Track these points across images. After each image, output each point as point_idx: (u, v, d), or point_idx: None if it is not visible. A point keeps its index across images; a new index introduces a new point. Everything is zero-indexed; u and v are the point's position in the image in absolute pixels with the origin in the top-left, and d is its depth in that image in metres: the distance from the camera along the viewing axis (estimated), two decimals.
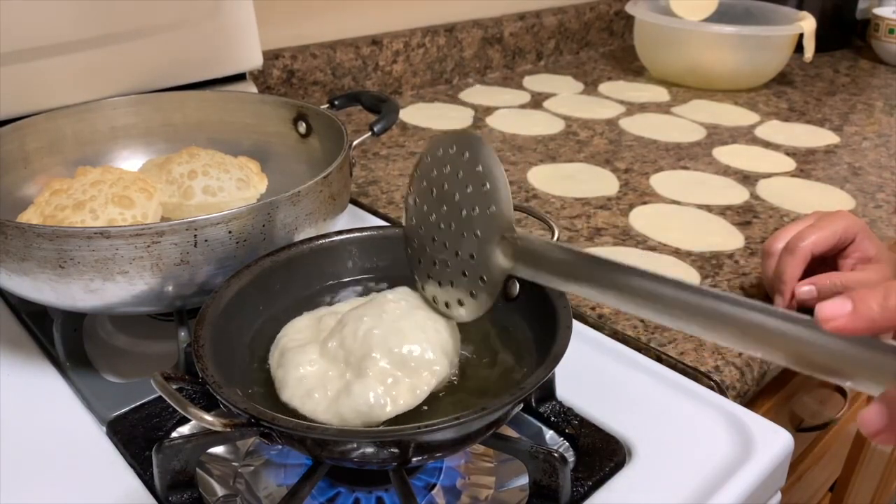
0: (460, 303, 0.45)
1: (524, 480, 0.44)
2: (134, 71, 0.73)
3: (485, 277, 0.43)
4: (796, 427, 0.79)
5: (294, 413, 0.41)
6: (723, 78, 1.21)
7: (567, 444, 0.48)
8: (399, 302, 0.45)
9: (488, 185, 0.42)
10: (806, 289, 0.57)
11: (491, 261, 0.42)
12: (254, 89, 0.84)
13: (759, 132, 1.04)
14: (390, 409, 0.40)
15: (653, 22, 1.22)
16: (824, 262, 0.59)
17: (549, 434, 0.49)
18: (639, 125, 1.05)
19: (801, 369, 0.31)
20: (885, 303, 0.30)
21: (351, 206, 0.72)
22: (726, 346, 0.35)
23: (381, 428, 0.40)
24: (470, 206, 0.43)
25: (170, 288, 0.48)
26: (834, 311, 0.30)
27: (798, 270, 0.58)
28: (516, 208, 0.56)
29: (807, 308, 0.60)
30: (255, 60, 0.82)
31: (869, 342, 0.30)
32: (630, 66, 1.36)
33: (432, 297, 0.46)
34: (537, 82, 1.25)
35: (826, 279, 0.57)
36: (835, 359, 0.30)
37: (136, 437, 0.47)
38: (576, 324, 0.43)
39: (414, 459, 0.38)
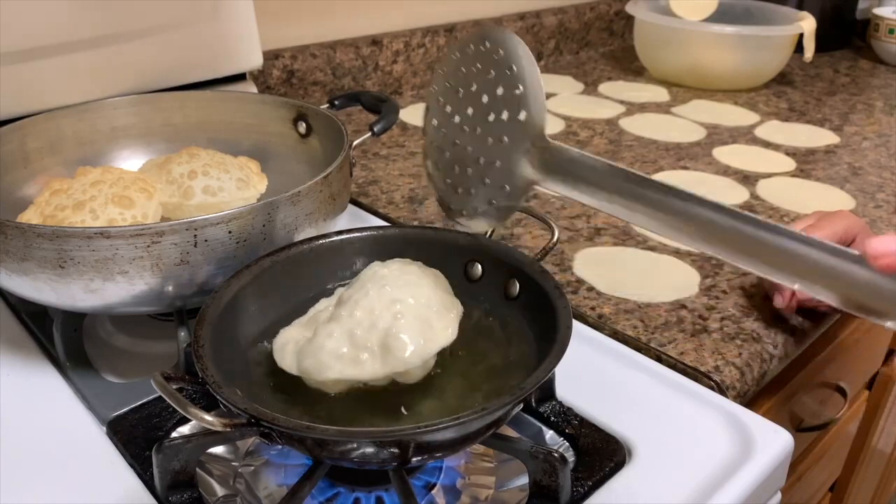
0: (478, 211, 0.42)
1: (524, 480, 0.44)
2: (134, 71, 0.73)
3: (507, 186, 0.40)
4: (796, 427, 0.79)
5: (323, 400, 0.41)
6: (723, 78, 1.21)
7: (567, 444, 0.48)
8: (391, 266, 0.45)
9: (521, 88, 0.39)
10: None
11: (516, 169, 0.40)
12: (254, 89, 0.84)
13: (759, 132, 1.04)
14: (434, 344, 0.41)
15: (653, 22, 1.22)
16: None
17: (549, 434, 0.49)
18: (639, 125, 1.05)
19: (847, 309, 0.30)
20: None
21: (351, 206, 0.73)
22: (761, 274, 0.33)
23: (380, 428, 0.40)
24: (499, 109, 0.40)
25: (170, 288, 0.48)
26: (884, 247, 0.29)
27: None
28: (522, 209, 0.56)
29: (806, 307, 0.61)
30: (255, 60, 0.82)
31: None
32: (630, 66, 1.36)
33: (448, 205, 0.44)
34: None
35: None
36: (882, 299, 0.29)
37: (136, 437, 0.47)
38: (576, 324, 0.43)
39: (414, 459, 0.38)
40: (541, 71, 1.34)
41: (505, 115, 0.39)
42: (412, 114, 1.07)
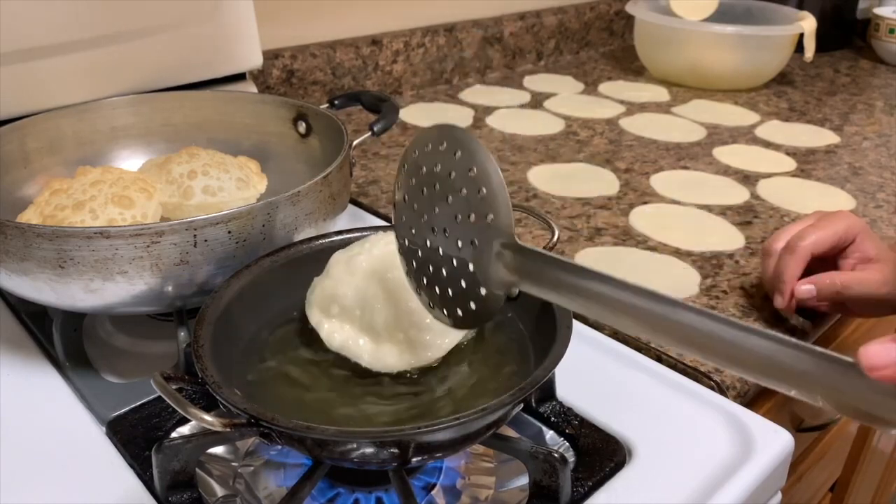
0: (458, 313, 0.40)
1: (524, 480, 0.44)
2: (134, 71, 0.73)
3: (483, 290, 0.38)
4: (796, 427, 0.79)
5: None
6: (723, 78, 1.21)
7: (567, 444, 0.48)
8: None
9: (484, 191, 0.37)
10: (805, 288, 0.57)
11: (490, 272, 0.38)
12: (254, 89, 0.84)
13: (760, 132, 1.04)
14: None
15: (653, 22, 1.22)
16: (824, 261, 0.59)
17: (549, 434, 0.49)
18: (639, 125, 1.05)
19: (846, 416, 0.28)
20: None
21: (351, 206, 0.72)
22: (753, 379, 0.31)
23: (380, 428, 0.40)
24: (465, 211, 0.38)
25: (169, 288, 0.48)
26: (881, 358, 0.26)
27: (798, 270, 0.57)
28: (516, 208, 0.56)
29: (806, 307, 0.60)
30: (255, 60, 0.82)
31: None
32: (630, 66, 1.36)
33: (429, 304, 0.42)
34: (537, 82, 1.25)
35: (826, 279, 0.57)
36: (886, 409, 0.27)
37: (136, 437, 0.47)
38: (576, 324, 0.43)
39: (414, 460, 0.38)
40: (541, 71, 1.34)
41: (472, 217, 0.37)
42: (412, 114, 1.07)
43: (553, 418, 0.49)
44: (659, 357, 0.56)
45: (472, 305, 0.39)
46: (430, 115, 1.08)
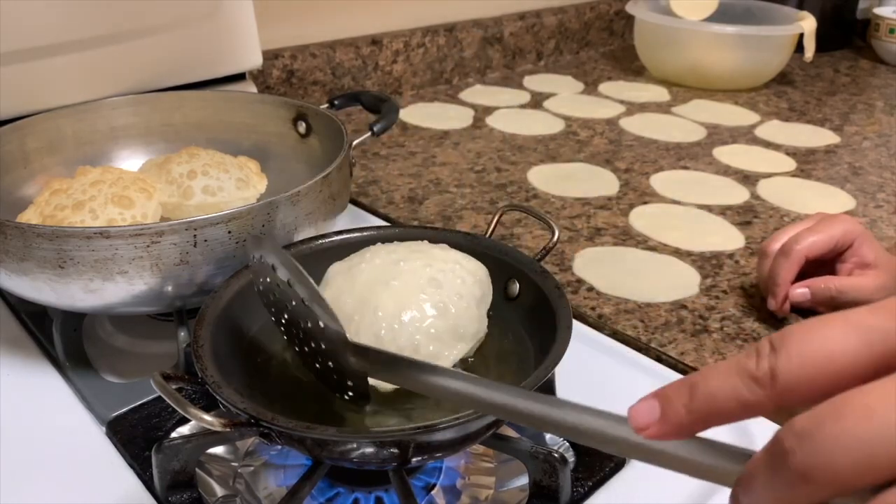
0: (346, 397, 0.41)
1: (524, 480, 0.44)
2: (134, 71, 0.73)
3: (350, 382, 0.39)
4: None
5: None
6: (723, 78, 1.21)
7: (567, 444, 0.48)
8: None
9: (305, 300, 0.38)
10: (800, 291, 0.57)
11: (348, 369, 0.38)
12: (254, 89, 0.84)
13: (760, 132, 1.04)
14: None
15: (653, 22, 1.22)
16: (823, 264, 0.59)
17: (550, 434, 0.49)
18: (639, 125, 1.05)
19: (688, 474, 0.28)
20: (690, 406, 0.26)
21: (351, 206, 0.72)
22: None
23: (380, 428, 0.39)
24: (303, 319, 0.39)
25: (169, 288, 0.48)
26: (643, 417, 0.26)
27: (791, 273, 0.58)
28: (515, 208, 0.56)
29: (801, 310, 0.60)
30: (254, 60, 0.82)
31: (702, 444, 0.27)
32: (630, 66, 1.36)
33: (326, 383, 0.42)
34: (537, 82, 1.25)
35: (821, 283, 0.57)
36: (680, 463, 0.27)
37: (136, 437, 0.47)
38: (576, 324, 0.43)
39: (414, 460, 0.38)
40: (541, 71, 1.34)
41: (309, 324, 0.38)
42: (412, 114, 1.07)
43: None
44: (659, 357, 0.56)
45: (349, 395, 0.40)
46: (429, 115, 1.08)
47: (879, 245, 0.59)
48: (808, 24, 1.18)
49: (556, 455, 0.41)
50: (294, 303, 0.39)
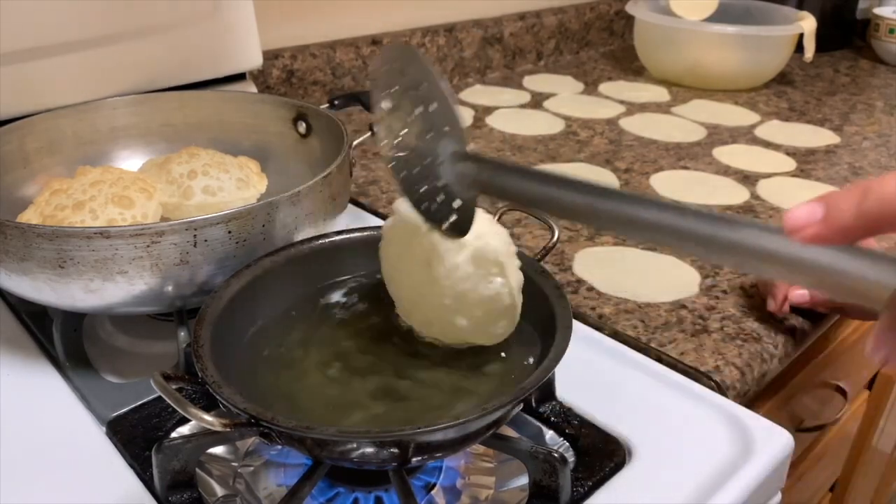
0: (444, 225, 0.41)
1: (524, 480, 0.44)
2: (134, 71, 0.73)
3: (455, 204, 0.40)
4: (796, 427, 0.79)
5: None
6: (723, 78, 1.21)
7: (567, 444, 0.48)
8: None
9: (436, 105, 0.39)
10: (799, 292, 0.58)
11: (456, 184, 0.39)
12: (254, 89, 0.84)
13: (760, 132, 1.04)
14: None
15: (653, 22, 1.22)
16: None
17: (549, 434, 0.49)
18: (639, 125, 1.05)
19: (837, 298, 0.27)
20: (861, 207, 0.24)
21: (351, 206, 0.72)
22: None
23: (380, 428, 0.39)
24: (427, 126, 0.39)
25: (169, 288, 0.48)
26: (802, 217, 0.25)
27: None
28: (515, 208, 0.56)
29: (800, 311, 0.61)
30: (255, 60, 0.82)
31: (853, 252, 0.25)
32: (630, 66, 1.36)
33: (424, 220, 0.43)
34: (537, 82, 1.25)
35: None
36: (818, 273, 0.25)
37: (136, 437, 0.47)
38: (576, 324, 0.43)
39: (414, 459, 0.38)
40: (541, 71, 1.34)
41: (431, 133, 0.39)
42: None
43: (553, 418, 0.49)
44: (659, 357, 0.56)
45: (453, 217, 0.40)
46: None
47: (878, 245, 0.59)
48: (807, 24, 1.18)
49: (556, 455, 0.41)
50: (421, 108, 0.39)
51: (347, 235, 0.52)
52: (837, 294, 0.26)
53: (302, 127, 0.68)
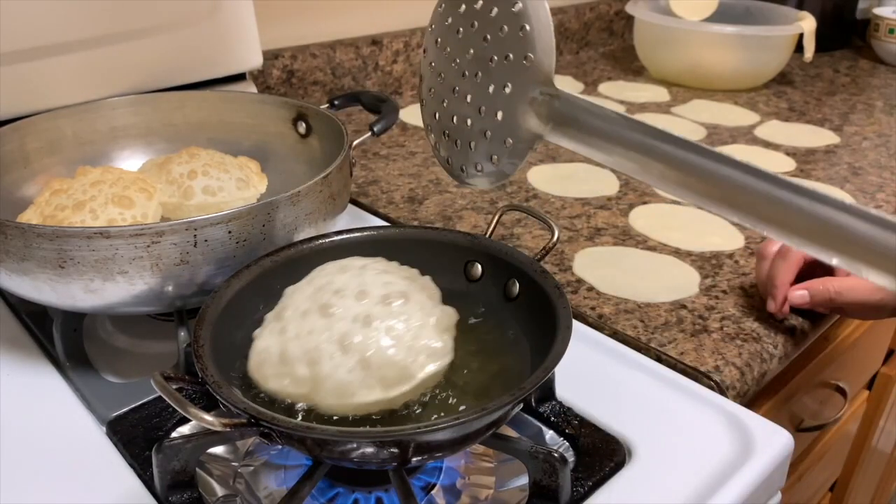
0: (478, 168, 0.39)
1: (524, 480, 0.44)
2: (134, 71, 0.73)
3: (510, 140, 0.37)
4: (796, 427, 0.79)
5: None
6: (723, 78, 1.21)
7: (567, 444, 0.48)
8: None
9: (528, 28, 0.35)
10: (799, 293, 0.57)
11: (520, 121, 0.36)
12: (254, 89, 0.84)
13: (759, 132, 1.04)
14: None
15: (653, 22, 1.22)
16: (822, 265, 0.59)
17: (549, 434, 0.49)
18: None
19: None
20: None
21: (351, 206, 0.73)
22: (796, 247, 0.29)
23: (380, 428, 0.40)
24: (502, 52, 0.36)
25: (170, 288, 0.48)
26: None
27: (790, 275, 0.58)
28: (515, 208, 0.56)
29: (800, 311, 0.61)
30: (255, 60, 0.82)
31: None
32: (630, 66, 1.36)
33: (446, 159, 0.40)
34: None
35: (819, 285, 0.57)
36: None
37: (136, 437, 0.47)
38: (576, 324, 0.43)
39: (414, 459, 0.38)
40: None
41: (509, 59, 0.35)
42: (412, 114, 1.07)
43: (553, 418, 0.49)
44: (659, 357, 0.56)
45: (495, 158, 0.38)
46: None
47: None
48: (807, 24, 1.18)
49: (556, 455, 0.41)
50: (506, 30, 0.35)
51: (347, 235, 0.52)
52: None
53: (302, 127, 0.68)
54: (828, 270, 0.59)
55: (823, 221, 0.28)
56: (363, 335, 0.40)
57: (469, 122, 0.38)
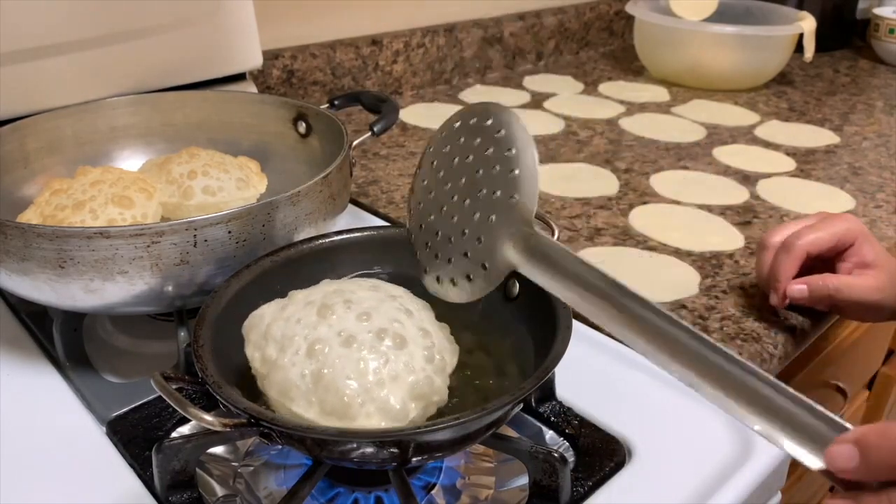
0: (453, 282, 0.42)
1: (524, 480, 0.44)
2: (134, 71, 0.73)
3: (487, 265, 0.40)
4: None
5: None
6: (723, 78, 1.21)
7: (567, 444, 0.48)
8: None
9: (517, 171, 0.38)
10: (798, 288, 0.57)
11: (498, 250, 0.39)
12: (254, 89, 0.84)
13: (759, 132, 1.04)
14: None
15: (653, 22, 1.22)
16: (824, 263, 0.59)
17: (549, 434, 0.49)
18: (639, 125, 1.05)
19: None
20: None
21: (351, 206, 0.72)
22: (731, 414, 0.33)
23: (380, 428, 0.40)
24: (492, 187, 0.39)
25: (169, 288, 0.48)
26: (841, 462, 0.30)
27: (793, 269, 0.58)
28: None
29: (800, 310, 0.61)
30: (255, 60, 0.82)
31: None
32: (630, 66, 1.36)
33: (424, 268, 0.43)
34: (537, 82, 1.25)
35: (819, 280, 0.57)
36: None
37: (136, 437, 0.47)
38: (576, 324, 0.43)
39: (414, 459, 0.38)
40: (541, 71, 1.34)
41: (497, 194, 0.39)
42: (412, 114, 1.07)
43: (553, 418, 0.49)
44: None
45: (471, 277, 0.41)
46: (430, 115, 1.08)
47: (880, 245, 0.59)
48: (807, 24, 1.18)
49: (555, 455, 0.41)
50: (497, 168, 0.39)
51: (347, 235, 0.52)
52: None
53: (302, 127, 0.68)
54: (830, 268, 0.59)
55: (752, 390, 0.31)
56: (334, 351, 0.39)
57: (452, 240, 0.42)
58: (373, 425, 0.38)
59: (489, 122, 0.40)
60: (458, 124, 0.42)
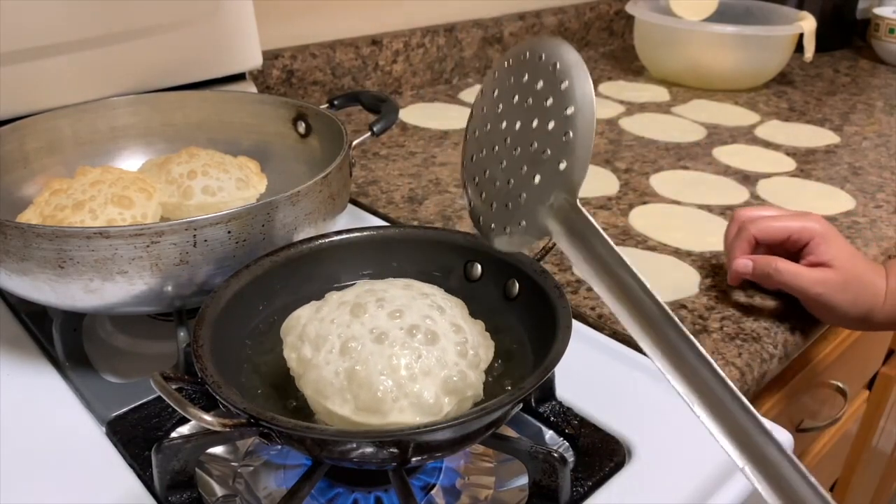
0: (492, 228, 0.39)
1: (524, 480, 0.44)
2: (134, 71, 0.73)
3: (524, 223, 0.37)
4: (796, 427, 0.79)
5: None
6: (723, 78, 1.21)
7: (567, 444, 0.48)
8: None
9: (571, 135, 0.35)
10: (742, 262, 0.61)
11: (537, 214, 0.36)
12: (253, 89, 0.84)
13: (759, 132, 1.04)
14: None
15: (653, 22, 1.22)
16: (790, 255, 0.61)
17: (549, 434, 0.49)
18: (639, 125, 1.05)
19: None
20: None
21: (351, 206, 0.72)
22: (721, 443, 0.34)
23: (380, 428, 0.39)
24: (543, 145, 0.36)
25: (169, 288, 0.48)
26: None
27: (741, 250, 0.62)
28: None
29: (800, 310, 0.61)
30: (254, 60, 0.82)
31: None
32: (630, 66, 1.36)
33: (470, 202, 0.41)
34: None
35: (764, 259, 0.60)
36: None
37: (136, 437, 0.47)
38: (576, 324, 0.43)
39: (413, 459, 0.38)
40: None
41: (547, 154, 0.36)
42: (412, 114, 1.07)
43: (553, 418, 0.49)
44: None
45: (508, 230, 0.38)
46: (429, 115, 1.08)
47: (846, 251, 0.60)
48: (807, 24, 1.18)
49: (555, 455, 0.41)
50: (551, 125, 0.35)
51: (347, 235, 0.52)
52: None
53: (302, 127, 0.68)
54: (795, 260, 0.61)
55: (745, 433, 0.33)
56: (366, 348, 0.39)
57: (497, 184, 0.39)
58: (406, 420, 0.38)
59: (557, 66, 0.36)
60: (526, 55, 0.38)
